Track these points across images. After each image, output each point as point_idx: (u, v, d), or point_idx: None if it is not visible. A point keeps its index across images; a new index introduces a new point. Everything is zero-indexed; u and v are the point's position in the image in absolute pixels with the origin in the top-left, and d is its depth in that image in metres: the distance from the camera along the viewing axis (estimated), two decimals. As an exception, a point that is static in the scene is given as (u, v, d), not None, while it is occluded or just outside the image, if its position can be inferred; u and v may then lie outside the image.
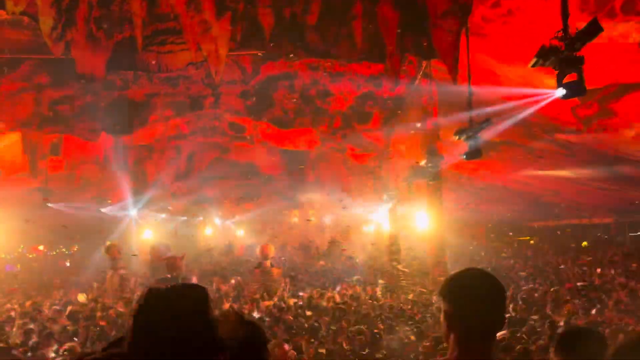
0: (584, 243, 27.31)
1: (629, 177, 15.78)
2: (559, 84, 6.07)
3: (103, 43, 8.99)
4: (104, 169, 18.81)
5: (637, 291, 11.07)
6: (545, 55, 5.91)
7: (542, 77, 9.02)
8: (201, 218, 33.92)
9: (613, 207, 21.53)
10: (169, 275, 15.53)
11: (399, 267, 16.37)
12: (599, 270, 16.06)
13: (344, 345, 7.71)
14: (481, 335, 1.75)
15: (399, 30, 8.35)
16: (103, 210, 22.39)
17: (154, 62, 10.69)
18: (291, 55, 10.18)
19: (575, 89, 5.78)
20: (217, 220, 35.08)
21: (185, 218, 31.42)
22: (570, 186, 18.98)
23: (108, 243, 18.80)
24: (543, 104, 8.39)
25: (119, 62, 10.31)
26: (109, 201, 22.65)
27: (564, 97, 5.89)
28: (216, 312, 1.46)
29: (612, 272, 15.13)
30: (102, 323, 10.64)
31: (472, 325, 1.75)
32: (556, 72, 6.18)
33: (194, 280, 16.45)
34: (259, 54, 11.89)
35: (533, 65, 6.16)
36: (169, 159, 20.76)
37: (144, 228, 26.37)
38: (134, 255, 21.30)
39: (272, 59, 12.29)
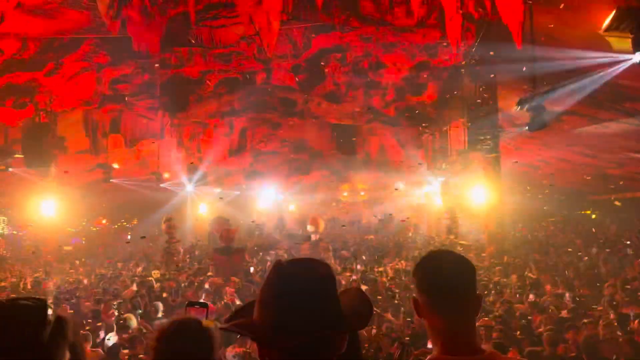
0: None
1: None
2: (636, 48, 5.63)
3: (157, 19, 9.08)
4: (161, 146, 19.36)
5: None
6: (621, 17, 5.47)
7: (608, 42, 8.40)
8: (253, 192, 34.54)
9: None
10: (223, 245, 16.02)
11: (460, 242, 16.11)
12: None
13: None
14: (454, 318, 1.68)
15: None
16: (162, 185, 23.16)
17: (207, 38, 10.74)
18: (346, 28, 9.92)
19: (657, 52, 5.33)
20: (269, 195, 35.61)
21: (238, 192, 32.08)
22: (638, 157, 17.89)
23: (164, 218, 19.52)
24: (619, 70, 7.83)
25: (173, 38, 10.42)
26: (167, 176, 23.39)
27: (644, 61, 5.45)
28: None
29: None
30: (164, 295, 11.10)
31: (442, 311, 1.69)
32: (631, 36, 5.73)
33: (245, 255, 16.87)
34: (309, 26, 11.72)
35: (607, 29, 5.72)
36: (222, 134, 21.09)
37: (199, 202, 27.19)
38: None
39: (324, 31, 12.07)
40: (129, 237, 28.16)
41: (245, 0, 8.65)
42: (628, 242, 17.78)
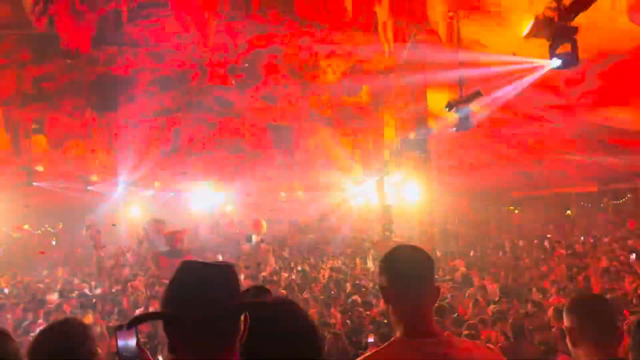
0: (568, 212, 27.91)
1: (613, 146, 16.04)
2: (552, 55, 6.10)
3: (87, 17, 8.74)
4: (89, 147, 18.55)
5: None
6: (538, 25, 5.92)
7: (530, 48, 9.02)
8: (189, 194, 33.78)
9: (597, 176, 21.94)
10: (168, 249, 15.59)
11: (393, 237, 16.60)
12: (582, 238, 16.46)
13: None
14: (415, 304, 1.91)
15: None
16: (90, 188, 22.17)
17: (139, 36, 10.45)
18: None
19: (570, 60, 5.83)
20: (204, 196, 34.94)
21: (173, 194, 31.27)
22: (555, 155, 19.23)
23: (87, 223, 18.75)
24: (539, 75, 8.42)
25: (104, 36, 10.06)
26: (95, 178, 22.43)
27: (558, 67, 5.93)
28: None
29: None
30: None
31: (405, 298, 1.92)
32: (549, 42, 6.20)
33: (190, 254, 16.52)
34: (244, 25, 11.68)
35: (526, 36, 6.16)
36: (154, 134, 20.50)
37: (131, 205, 26.24)
38: (113, 225, 21.13)
39: (259, 32, 12.06)
40: (53, 242, 26.74)
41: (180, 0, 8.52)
42: (548, 236, 19.06)
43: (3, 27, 9.78)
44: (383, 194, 20.11)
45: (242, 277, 12.32)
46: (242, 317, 1.50)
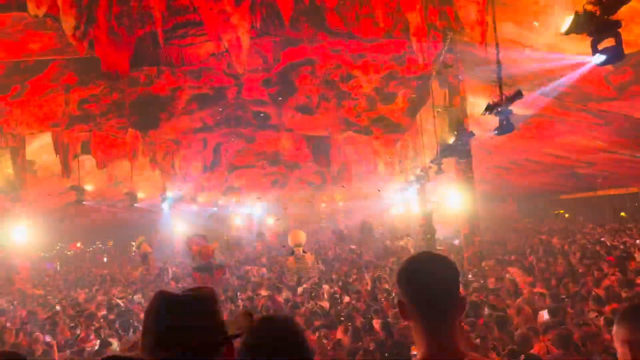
0: (623, 214, 26.61)
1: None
2: (594, 51, 5.80)
3: (125, 39, 9.02)
4: (134, 165, 19.12)
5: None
6: (579, 21, 5.65)
7: (571, 45, 8.67)
8: (230, 208, 34.39)
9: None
10: (202, 263, 15.83)
11: (438, 247, 16.22)
12: (637, 241, 15.60)
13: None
14: (437, 321, 1.72)
15: (422, 3, 8.12)
16: (136, 205, 22.81)
17: (176, 56, 10.71)
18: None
19: (614, 55, 5.52)
20: (247, 210, 35.45)
21: (215, 209, 31.82)
22: (606, 156, 18.40)
23: (138, 240, 19.20)
24: (581, 71, 8.06)
25: (142, 57, 10.36)
26: (142, 196, 23.08)
27: (602, 63, 5.63)
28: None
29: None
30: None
31: (427, 314, 1.73)
32: (590, 38, 5.91)
33: (226, 271, 16.68)
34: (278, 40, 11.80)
35: (567, 32, 5.89)
36: (196, 151, 20.97)
37: (176, 220, 26.83)
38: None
39: (292, 45, 12.16)
40: (104, 259, 27.63)
41: (213, 18, 8.67)
42: (602, 239, 18.19)
43: (49, 53, 10.25)
44: (424, 201, 19.76)
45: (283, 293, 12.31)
46: (226, 348, 1.49)
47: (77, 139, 16.18)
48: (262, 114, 16.92)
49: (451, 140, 12.61)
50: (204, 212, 30.04)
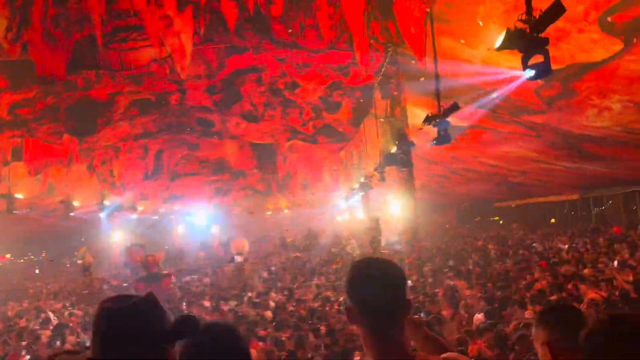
0: (553, 220, 28.11)
1: (593, 154, 16.24)
2: (525, 66, 6.16)
3: (62, 42, 8.68)
4: (70, 172, 18.33)
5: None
6: (511, 37, 5.98)
7: (502, 59, 9.16)
8: (172, 217, 33.56)
9: (578, 183, 22.15)
10: (145, 274, 15.34)
11: (382, 251, 16.52)
12: (567, 246, 16.53)
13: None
14: (384, 327, 1.73)
15: (365, 18, 8.33)
16: (72, 214, 21.83)
17: (116, 60, 10.41)
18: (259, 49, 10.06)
19: (542, 70, 5.88)
20: (189, 218, 34.71)
21: (156, 218, 30.95)
22: (537, 165, 19.43)
23: (81, 250, 18.45)
24: (513, 86, 8.52)
25: (80, 61, 9.99)
26: (77, 204, 22.11)
27: (532, 78, 5.98)
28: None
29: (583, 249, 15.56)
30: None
31: (376, 318, 1.73)
32: (521, 54, 6.27)
33: (173, 278, 16.26)
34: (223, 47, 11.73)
35: (499, 48, 6.22)
36: (136, 158, 20.38)
37: (114, 230, 25.89)
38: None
39: (237, 52, 12.12)
40: (37, 271, 26.19)
41: (155, 23, 8.51)
42: (534, 245, 19.14)
43: (-24, 55, 9.69)
44: (368, 208, 20.12)
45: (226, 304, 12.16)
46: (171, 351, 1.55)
47: (8, 144, 15.33)
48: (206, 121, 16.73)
49: (393, 149, 12.95)
50: (145, 221, 29.14)
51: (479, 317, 8.34)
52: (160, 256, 16.53)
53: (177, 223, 34.87)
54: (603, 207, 24.32)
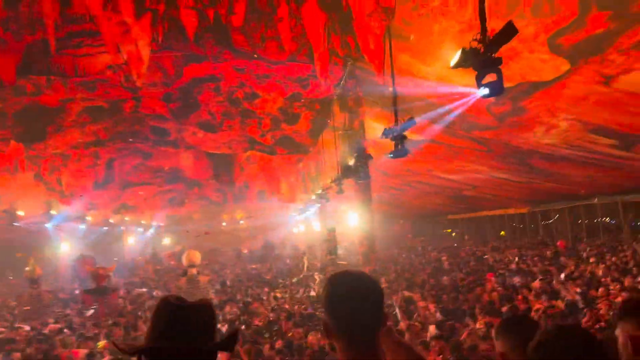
0: (503, 233, 29.04)
1: (541, 170, 16.94)
2: (479, 84, 6.39)
3: (12, 46, 8.33)
4: (16, 180, 17.50)
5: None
6: (465, 56, 6.19)
7: (458, 77, 9.48)
8: (123, 228, 32.57)
9: (527, 198, 23.03)
10: (95, 286, 14.79)
11: (339, 262, 16.56)
12: (516, 258, 17.12)
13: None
14: (365, 340, 1.72)
15: (325, 31, 8.44)
16: (16, 224, 20.82)
17: (69, 66, 10.08)
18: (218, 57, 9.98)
19: (495, 89, 6.11)
20: (140, 229, 33.81)
21: (106, 228, 29.94)
22: (488, 180, 20.10)
23: (31, 261, 17.66)
24: (468, 103, 8.80)
25: (31, 66, 9.61)
26: (22, 214, 21.11)
27: (486, 96, 6.21)
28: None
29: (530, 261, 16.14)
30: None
31: (351, 331, 1.72)
32: (475, 72, 6.50)
33: (121, 292, 15.75)
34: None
35: (454, 67, 6.42)
36: (86, 166, 19.70)
37: (62, 241, 24.86)
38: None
39: (195, 61, 11.98)
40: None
41: (111, 29, 8.31)
42: (486, 256, 19.71)
43: None
44: (325, 220, 20.19)
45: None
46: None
47: (-53, 150, 14.53)
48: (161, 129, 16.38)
49: (351, 161, 13.09)
50: (94, 231, 28.12)
51: (432, 328, 8.49)
52: (111, 269, 15.99)
53: (128, 234, 33.89)
54: (550, 221, 25.34)
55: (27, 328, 11.68)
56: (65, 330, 10.81)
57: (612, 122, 11.44)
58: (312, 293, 14.13)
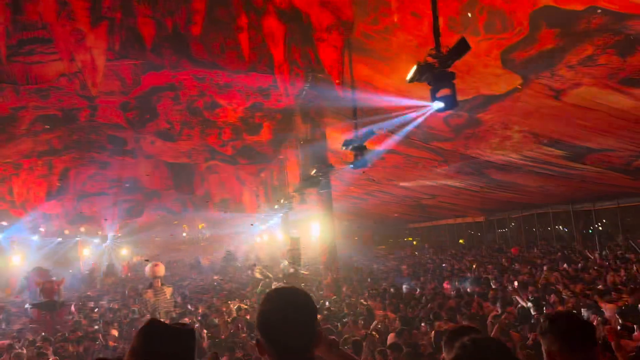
0: (461, 241, 29.66)
1: (496, 180, 17.44)
2: (433, 98, 6.55)
3: (-42, 52, 8.01)
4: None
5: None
6: (421, 71, 6.34)
7: (416, 89, 9.70)
8: (78, 238, 31.54)
9: (484, 207, 23.64)
10: (45, 300, 14.22)
11: (302, 270, 16.50)
12: (474, 266, 17.52)
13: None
14: (294, 358, 1.74)
15: (286, 43, 8.48)
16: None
17: (20, 73, 9.75)
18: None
19: (449, 102, 6.27)
20: (96, 240, 32.83)
21: (60, 239, 28.92)
22: (446, 189, 20.53)
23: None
24: (424, 117, 9.00)
25: (-22, 72, 9.26)
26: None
27: (440, 110, 6.36)
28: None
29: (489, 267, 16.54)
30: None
31: (283, 350, 1.73)
32: (430, 86, 6.67)
33: (72, 307, 15.20)
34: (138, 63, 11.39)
35: (410, 81, 6.57)
36: (38, 176, 19.04)
37: (12, 253, 23.83)
38: None
39: (154, 69, 11.81)
40: None
41: (65, 37, 8.10)
42: (444, 265, 20.07)
43: None
44: (287, 229, 20.13)
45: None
46: None
47: None
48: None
49: (313, 171, 13.14)
50: (48, 243, 27.12)
51: (391, 337, 8.57)
52: (61, 283, 15.41)
53: (84, 245, 32.85)
54: (506, 229, 26.07)
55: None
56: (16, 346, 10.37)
57: (563, 134, 11.91)
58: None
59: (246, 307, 14.26)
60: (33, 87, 11.15)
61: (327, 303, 12.93)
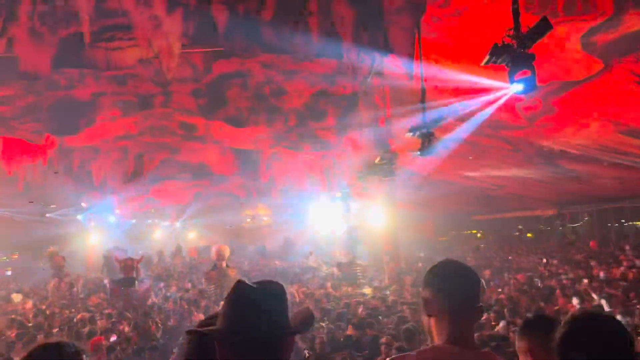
0: (529, 234, 28.59)
1: (569, 171, 16.62)
2: (512, 81, 6.30)
3: (47, 39, 8.55)
4: (48, 172, 17.96)
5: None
6: (497, 52, 6.11)
7: (489, 75, 9.36)
8: (149, 221, 33.12)
9: (555, 199, 22.60)
10: (124, 277, 15.04)
11: (358, 261, 16.52)
12: (544, 260, 16.83)
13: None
14: (460, 318, 1.92)
15: (355, 27, 8.43)
16: (48, 215, 21.36)
17: (101, 60, 10.30)
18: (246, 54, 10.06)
19: (529, 85, 6.02)
20: (167, 223, 34.35)
21: (134, 221, 30.50)
22: (515, 180, 19.78)
23: (50, 250, 18.01)
24: (501, 101, 8.68)
25: (65, 59, 9.85)
26: (54, 206, 21.66)
27: (519, 92, 6.11)
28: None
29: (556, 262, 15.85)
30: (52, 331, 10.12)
31: (452, 310, 1.92)
32: (507, 69, 6.40)
33: (148, 282, 15.97)
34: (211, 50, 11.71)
35: (486, 63, 6.35)
36: (116, 160, 20.10)
37: (92, 232, 25.38)
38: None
39: (224, 57, 12.10)
40: (8, 272, 25.46)
41: (143, 23, 8.46)
42: (510, 257, 19.43)
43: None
44: (348, 218, 20.17)
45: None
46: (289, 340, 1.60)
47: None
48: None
49: (376, 159, 13.04)
50: (122, 224, 28.66)
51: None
52: (139, 260, 16.22)
53: (155, 227, 34.45)
54: (579, 224, 24.82)
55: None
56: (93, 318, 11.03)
57: (646, 122, 11.17)
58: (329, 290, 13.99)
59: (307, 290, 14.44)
60: (111, 74, 11.75)
61: (387, 292, 12.86)
